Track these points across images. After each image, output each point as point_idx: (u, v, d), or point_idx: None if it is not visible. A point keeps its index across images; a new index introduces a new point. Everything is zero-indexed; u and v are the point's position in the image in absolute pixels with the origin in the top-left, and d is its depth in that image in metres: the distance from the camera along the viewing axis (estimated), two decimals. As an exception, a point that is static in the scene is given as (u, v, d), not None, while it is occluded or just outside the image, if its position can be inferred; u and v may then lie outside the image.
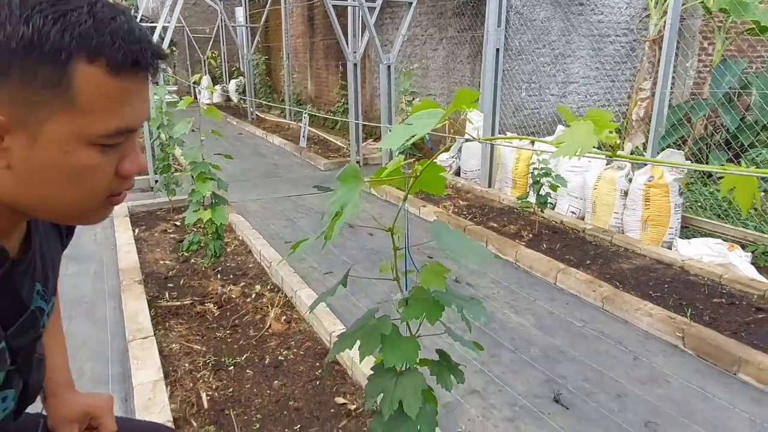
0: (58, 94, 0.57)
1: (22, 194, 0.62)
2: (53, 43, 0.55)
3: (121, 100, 0.61)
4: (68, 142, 0.60)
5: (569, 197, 4.55)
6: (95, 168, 0.63)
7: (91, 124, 0.60)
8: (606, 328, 2.78)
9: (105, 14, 0.58)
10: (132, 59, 0.59)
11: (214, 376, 2.32)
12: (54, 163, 0.60)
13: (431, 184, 1.03)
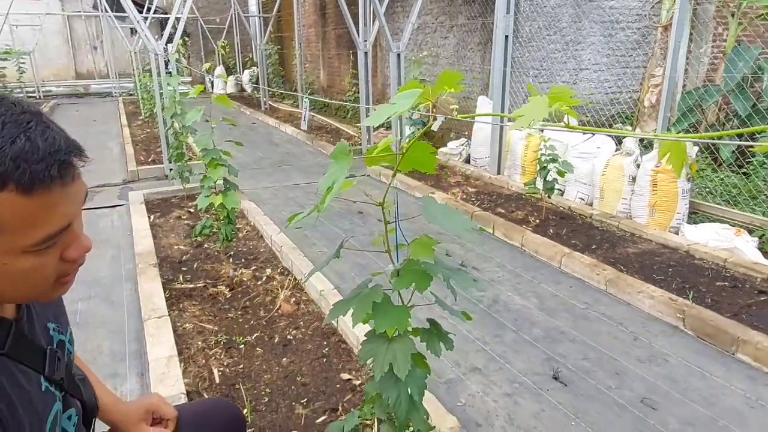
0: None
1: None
2: None
3: (41, 213, 0.65)
4: (3, 257, 0.65)
5: (578, 183, 4.56)
6: (36, 268, 0.69)
7: (18, 240, 0.65)
8: (608, 310, 2.82)
9: (4, 139, 0.61)
10: (39, 179, 0.63)
11: (226, 353, 2.42)
12: (2, 272, 0.67)
13: (422, 162, 1.09)
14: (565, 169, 3.81)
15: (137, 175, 5.44)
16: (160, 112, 5.03)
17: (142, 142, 7.07)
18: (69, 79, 15.18)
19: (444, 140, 6.65)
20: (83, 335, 2.57)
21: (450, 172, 5.57)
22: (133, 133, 7.65)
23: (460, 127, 6.59)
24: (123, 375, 2.28)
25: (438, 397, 2.04)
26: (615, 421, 2.00)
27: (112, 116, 9.54)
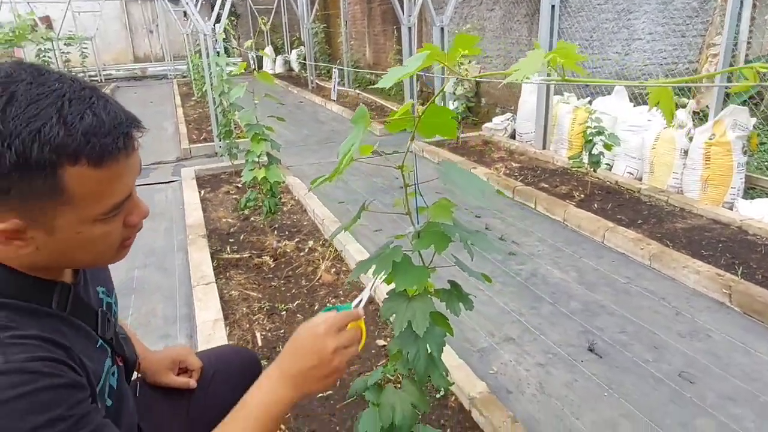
0: (54, 199, 0.67)
1: (53, 262, 0.76)
2: (36, 160, 0.63)
3: (109, 183, 0.70)
4: (78, 227, 0.71)
5: (627, 158, 4.41)
6: (105, 235, 0.75)
7: (92, 210, 0.70)
8: (651, 285, 2.76)
9: (74, 116, 0.65)
10: (107, 151, 0.67)
11: (268, 319, 2.54)
12: (72, 242, 0.72)
13: (441, 127, 1.11)
14: (611, 142, 3.70)
15: (189, 152, 5.67)
16: (210, 91, 5.21)
17: (195, 122, 7.34)
18: (128, 63, 15.84)
19: (489, 115, 6.56)
20: (139, 300, 2.76)
21: (494, 147, 5.51)
22: (186, 113, 7.95)
23: (506, 101, 6.47)
24: (174, 336, 2.44)
25: (470, 364, 2.08)
26: (650, 394, 1.98)
27: (168, 97, 9.92)
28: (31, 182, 0.64)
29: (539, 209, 3.83)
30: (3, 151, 0.62)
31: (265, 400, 0.84)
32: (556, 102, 5.14)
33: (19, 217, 0.67)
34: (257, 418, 0.82)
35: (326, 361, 0.86)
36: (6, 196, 0.65)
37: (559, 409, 1.92)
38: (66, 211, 0.68)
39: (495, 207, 3.92)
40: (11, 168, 0.63)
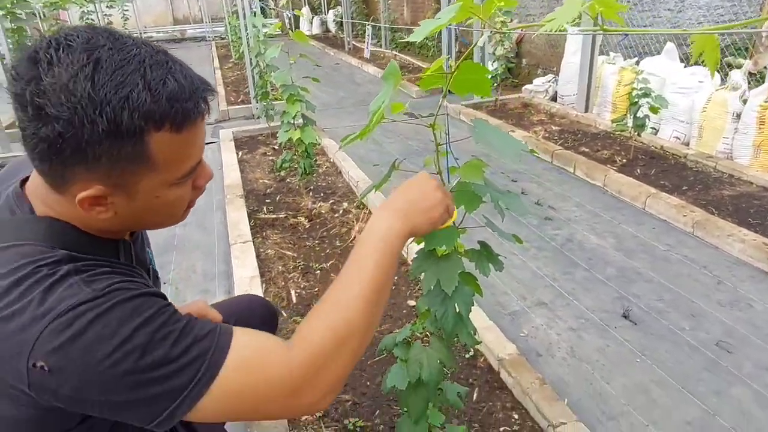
0: (140, 164, 0.69)
1: (127, 224, 0.79)
2: (126, 126, 0.65)
3: (187, 147, 0.72)
4: (158, 191, 0.73)
5: (674, 121, 4.22)
6: (178, 198, 0.78)
7: (172, 174, 0.73)
8: (692, 253, 2.68)
9: (156, 81, 0.66)
10: (189, 116, 0.69)
11: (303, 277, 2.61)
12: (150, 206, 0.75)
13: (475, 84, 1.09)
14: (658, 104, 3.54)
15: (228, 114, 5.74)
16: (247, 52, 5.22)
17: (233, 84, 7.40)
18: (167, 25, 15.97)
19: (530, 77, 6.35)
20: (180, 257, 2.87)
21: (533, 110, 5.36)
22: (225, 75, 8.01)
23: (548, 62, 6.24)
24: (213, 292, 2.54)
25: (500, 326, 2.09)
26: (684, 361, 1.95)
27: (206, 59, 9.99)
28: (121, 149, 0.66)
29: (578, 174, 3.74)
30: (95, 118, 0.63)
31: (378, 233, 0.83)
32: (601, 63, 4.92)
33: (103, 184, 0.69)
34: (377, 249, 0.81)
35: (430, 193, 0.90)
36: (96, 164, 0.67)
37: (589, 373, 1.92)
38: (148, 176, 0.71)
39: (532, 171, 3.84)
40: (103, 135, 0.64)
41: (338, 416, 1.76)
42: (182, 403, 0.66)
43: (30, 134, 0.65)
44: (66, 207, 0.73)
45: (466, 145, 1.15)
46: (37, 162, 0.69)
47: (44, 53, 0.64)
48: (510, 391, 1.83)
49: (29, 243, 0.72)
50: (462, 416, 1.74)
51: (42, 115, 0.64)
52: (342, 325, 0.75)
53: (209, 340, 0.69)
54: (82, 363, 0.63)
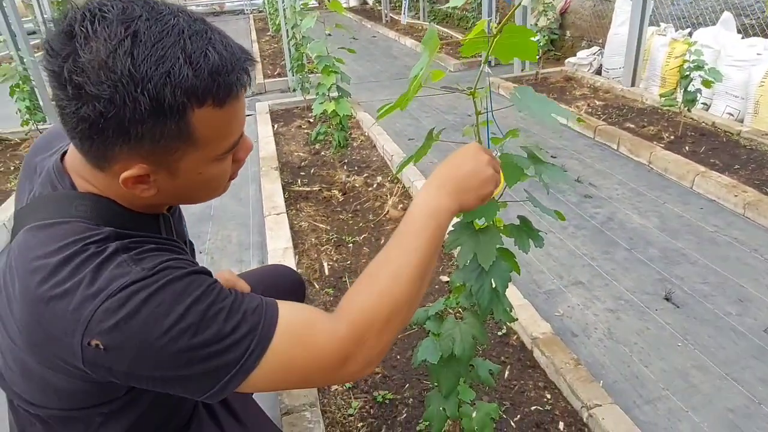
0: (182, 141, 0.67)
1: (168, 201, 0.80)
2: (169, 104, 0.63)
3: (229, 122, 0.70)
4: (200, 167, 0.72)
5: (728, 96, 3.99)
6: (221, 173, 0.76)
7: (214, 150, 0.71)
8: (743, 235, 2.54)
9: (197, 54, 0.63)
10: (231, 90, 0.67)
11: (335, 250, 2.61)
12: (192, 183, 0.74)
13: (519, 48, 1.02)
14: (712, 77, 3.33)
15: (264, 87, 5.75)
16: (283, 23, 5.18)
17: (270, 57, 7.40)
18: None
19: (574, 50, 6.11)
20: (216, 227, 2.91)
21: (576, 84, 5.16)
22: (262, 48, 8.01)
23: (593, 34, 5.97)
24: (247, 262, 2.57)
25: (535, 305, 2.05)
26: (729, 347, 1.87)
27: (244, 32, 10.01)
28: (163, 127, 0.64)
29: (622, 150, 3.59)
30: (137, 96, 0.61)
31: (427, 210, 0.81)
32: (651, 34, 4.68)
33: (146, 163, 0.68)
34: (427, 226, 0.80)
35: (481, 167, 0.86)
36: (139, 143, 0.65)
37: (626, 355, 1.86)
38: (191, 153, 0.69)
39: (573, 147, 3.72)
40: (145, 114, 0.62)
41: (368, 388, 1.77)
42: (234, 377, 0.68)
43: (70, 113, 0.64)
44: (107, 184, 0.73)
45: (504, 121, 1.10)
46: (77, 141, 0.68)
47: (80, 27, 0.61)
48: (543, 371, 1.79)
49: (75, 220, 0.71)
50: (493, 394, 1.72)
51: (82, 94, 0.61)
52: (388, 301, 0.75)
53: (258, 314, 0.70)
54: (137, 341, 0.64)
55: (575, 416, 1.62)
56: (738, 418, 1.61)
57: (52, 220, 0.72)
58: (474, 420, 1.31)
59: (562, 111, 1.01)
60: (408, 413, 1.66)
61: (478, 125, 1.12)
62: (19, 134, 4.43)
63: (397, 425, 1.63)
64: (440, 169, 0.88)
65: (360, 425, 1.62)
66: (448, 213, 0.83)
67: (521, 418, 1.63)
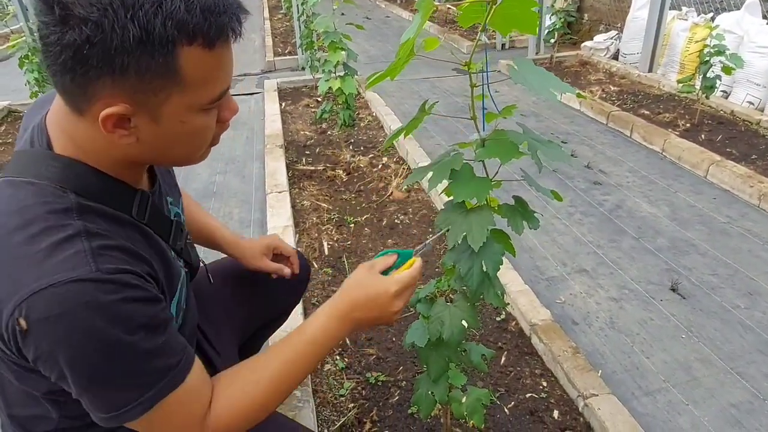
0: (168, 79, 0.64)
1: (147, 155, 0.75)
2: (158, 35, 0.61)
3: (218, 68, 0.68)
4: (184, 115, 0.69)
5: (749, 84, 3.86)
6: (205, 127, 0.74)
7: (200, 96, 0.69)
8: (756, 227, 2.46)
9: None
10: (222, 32, 0.65)
11: (336, 230, 2.57)
12: (174, 132, 0.71)
13: (519, 19, 0.96)
14: (732, 63, 3.21)
15: (274, 65, 5.68)
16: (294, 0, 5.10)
17: (281, 35, 7.32)
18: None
19: (591, 34, 5.95)
20: (218, 203, 2.89)
21: (592, 69, 5.03)
22: (274, 26, 7.92)
23: (612, 18, 5.81)
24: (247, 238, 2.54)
25: (536, 291, 2.00)
26: (735, 341, 1.81)
27: (257, 9, 9.91)
28: (150, 60, 0.62)
29: (635, 137, 3.49)
30: (126, 23, 0.59)
31: (326, 335, 0.88)
32: (672, 18, 4.53)
33: (128, 102, 0.65)
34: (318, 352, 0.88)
35: (387, 317, 0.94)
36: (123, 76, 0.63)
37: (627, 345, 1.81)
38: (175, 95, 0.67)
39: (584, 133, 3.62)
40: (133, 43, 0.60)
41: (361, 369, 1.74)
42: (112, 418, 0.69)
43: (53, 41, 0.61)
44: (86, 134, 0.70)
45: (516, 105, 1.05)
46: (58, 76, 0.64)
47: None
48: (540, 358, 1.75)
49: (42, 182, 0.69)
50: (488, 379, 1.68)
51: (69, 16, 0.59)
52: (263, 411, 0.83)
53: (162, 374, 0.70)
54: (57, 341, 0.63)
55: (571, 405, 1.58)
56: (740, 413, 1.56)
57: (20, 178, 0.70)
58: (464, 405, 1.28)
59: (563, 85, 0.95)
60: (400, 396, 1.64)
61: (472, 100, 1.06)
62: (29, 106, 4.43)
63: (388, 407, 1.60)
64: (352, 301, 0.91)
65: (351, 406, 1.60)
66: (340, 339, 0.92)
67: (515, 405, 1.59)
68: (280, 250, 1.27)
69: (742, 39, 3.92)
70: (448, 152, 1.11)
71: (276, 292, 1.32)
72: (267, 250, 1.25)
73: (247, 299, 1.28)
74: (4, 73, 6.06)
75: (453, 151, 1.11)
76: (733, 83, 3.97)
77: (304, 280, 1.41)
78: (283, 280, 1.29)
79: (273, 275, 1.26)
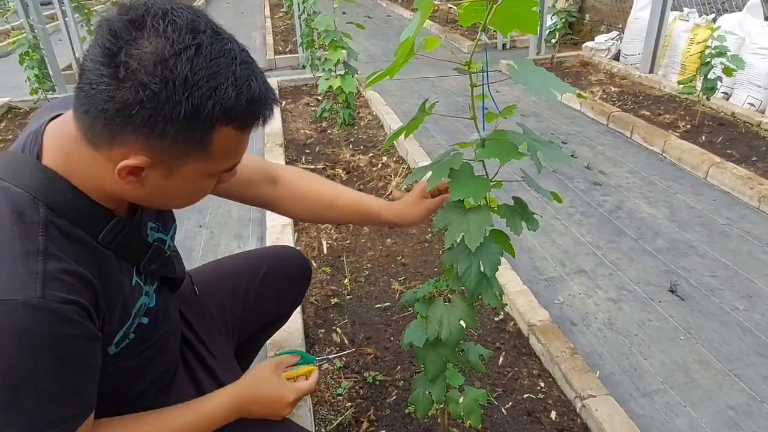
0: (198, 149, 0.70)
1: (140, 198, 0.78)
2: (206, 115, 0.66)
3: (241, 146, 0.76)
4: (195, 177, 0.75)
5: (750, 86, 3.86)
6: (207, 188, 0.80)
7: (218, 166, 0.75)
8: (756, 229, 2.46)
9: (242, 80, 0.68)
10: (257, 121, 0.73)
11: (335, 229, 2.57)
12: (180, 188, 0.76)
13: (519, 19, 0.96)
14: (733, 64, 3.21)
15: (274, 63, 5.68)
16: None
17: (282, 33, 7.31)
18: (223, -27, 15.85)
19: (592, 34, 5.95)
20: (218, 201, 2.88)
21: (592, 69, 5.03)
22: (275, 24, 7.92)
23: (614, 19, 5.81)
24: (246, 237, 2.54)
25: (534, 292, 2.00)
26: (733, 343, 1.81)
27: (258, 8, 9.91)
28: (190, 133, 0.67)
29: (635, 138, 3.49)
30: (181, 99, 0.64)
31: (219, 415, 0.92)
32: (673, 19, 4.52)
33: (150, 157, 0.69)
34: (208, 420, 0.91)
35: (275, 415, 0.98)
36: (159, 139, 0.67)
37: (626, 346, 1.81)
38: (198, 162, 0.72)
39: (584, 133, 3.62)
40: (181, 117, 0.65)
41: (359, 368, 1.74)
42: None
43: (103, 90, 0.64)
44: (90, 163, 0.71)
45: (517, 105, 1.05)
46: (91, 118, 0.67)
47: (152, 21, 0.64)
48: (538, 359, 1.75)
49: (22, 191, 0.70)
50: (485, 380, 1.68)
51: (130, 78, 0.63)
52: None
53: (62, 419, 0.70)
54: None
55: (568, 406, 1.58)
56: (738, 415, 1.56)
57: (3, 180, 0.71)
58: (461, 405, 1.28)
59: (563, 85, 0.95)
60: (398, 395, 1.63)
61: (473, 99, 1.06)
62: (28, 103, 4.43)
63: (386, 407, 1.60)
64: (251, 396, 0.95)
65: (348, 405, 1.60)
66: (225, 422, 0.93)
67: (513, 406, 1.59)
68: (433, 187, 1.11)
69: (743, 40, 3.92)
70: (447, 152, 1.11)
71: (273, 293, 1.32)
72: (423, 193, 1.18)
73: (241, 301, 1.27)
74: (4, 70, 6.06)
75: (453, 150, 1.11)
76: (734, 85, 3.97)
77: (305, 278, 1.40)
78: (280, 284, 1.29)
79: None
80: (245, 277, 1.27)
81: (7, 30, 7.44)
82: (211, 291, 1.23)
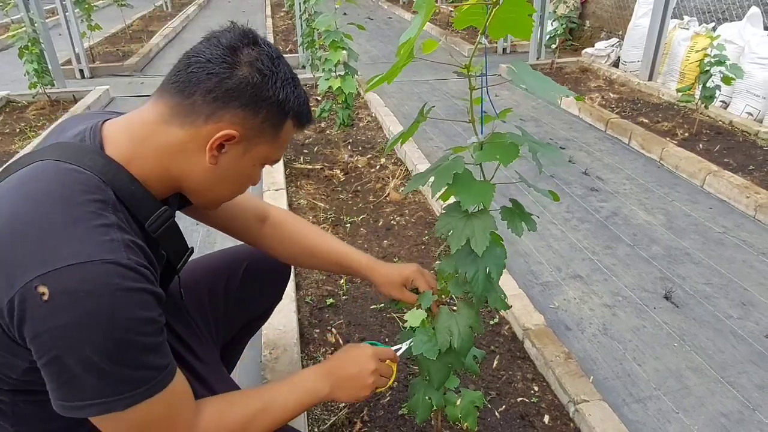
0: (273, 133, 0.87)
1: (197, 183, 0.86)
2: (289, 104, 0.86)
3: (288, 140, 0.92)
4: (259, 160, 0.89)
5: (748, 95, 3.88)
6: (254, 178, 0.92)
7: (274, 153, 0.90)
8: (751, 237, 2.47)
9: (299, 90, 0.89)
10: (307, 120, 0.93)
11: (333, 229, 2.57)
12: (245, 170, 0.88)
13: (515, 24, 0.96)
14: (732, 73, 3.23)
15: (275, 62, 5.67)
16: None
17: (283, 33, 7.31)
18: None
19: (592, 41, 5.97)
20: (215, 199, 2.88)
21: (592, 75, 5.05)
22: (276, 24, 7.92)
23: (614, 25, 5.83)
24: (243, 236, 2.54)
25: (530, 296, 2.00)
26: (727, 350, 1.82)
27: (259, 8, 9.91)
28: (275, 115, 0.85)
29: (633, 145, 3.50)
30: (278, 89, 0.84)
31: (311, 387, 0.97)
32: (673, 27, 4.55)
33: (240, 132, 0.82)
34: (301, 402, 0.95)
35: (364, 376, 1.02)
36: (256, 113, 0.82)
37: (620, 352, 1.82)
38: (267, 144, 0.87)
39: (582, 139, 3.63)
40: (275, 100, 0.84)
41: (353, 370, 1.73)
42: (94, 406, 0.69)
43: (219, 72, 0.79)
44: (165, 139, 0.80)
45: (516, 109, 1.05)
46: (194, 97, 0.79)
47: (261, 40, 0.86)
48: (532, 363, 1.75)
49: (89, 172, 0.75)
50: (479, 382, 1.68)
51: (249, 64, 0.81)
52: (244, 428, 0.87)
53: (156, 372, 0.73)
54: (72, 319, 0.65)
55: (561, 410, 1.58)
56: (730, 423, 1.56)
57: (67, 164, 0.75)
58: (458, 408, 1.27)
59: (559, 88, 0.95)
60: (392, 396, 1.63)
61: (471, 102, 1.06)
62: (27, 97, 4.41)
63: (379, 408, 1.60)
64: (332, 360, 1.04)
65: (342, 406, 1.60)
66: (319, 398, 0.99)
67: (506, 409, 1.59)
68: (416, 286, 1.20)
69: (742, 49, 3.94)
70: (446, 156, 1.11)
71: (255, 289, 1.31)
72: (406, 281, 1.20)
73: (222, 300, 1.26)
74: (4, 63, 6.05)
75: (450, 155, 1.11)
76: (733, 93, 3.99)
77: (286, 273, 1.40)
78: (261, 279, 1.29)
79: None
80: (224, 275, 1.26)
81: (7, 23, 7.42)
82: (189, 291, 1.20)
